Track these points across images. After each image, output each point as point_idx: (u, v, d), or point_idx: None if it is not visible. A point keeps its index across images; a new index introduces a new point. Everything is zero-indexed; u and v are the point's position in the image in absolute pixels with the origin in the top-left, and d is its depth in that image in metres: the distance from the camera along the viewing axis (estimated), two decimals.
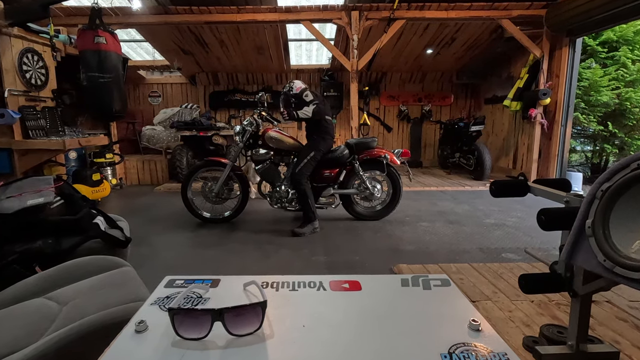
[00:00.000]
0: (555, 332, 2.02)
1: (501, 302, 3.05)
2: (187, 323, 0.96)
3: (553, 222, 1.47)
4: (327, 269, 4.09)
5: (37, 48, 6.21)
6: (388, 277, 1.38)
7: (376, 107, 12.06)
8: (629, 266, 1.13)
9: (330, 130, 5.45)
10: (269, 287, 1.28)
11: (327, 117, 5.44)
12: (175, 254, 4.60)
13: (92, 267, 2.08)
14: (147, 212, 6.51)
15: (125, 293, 1.84)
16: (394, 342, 0.97)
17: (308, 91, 5.37)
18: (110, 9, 7.39)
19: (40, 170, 6.17)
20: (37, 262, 2.41)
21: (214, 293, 1.24)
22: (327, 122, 5.44)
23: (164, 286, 1.28)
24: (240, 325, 0.98)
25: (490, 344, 0.95)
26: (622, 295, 3.12)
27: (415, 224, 5.69)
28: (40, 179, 2.95)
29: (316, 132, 5.41)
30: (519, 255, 4.35)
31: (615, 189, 1.23)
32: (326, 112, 5.44)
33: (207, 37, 9.12)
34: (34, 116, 6.04)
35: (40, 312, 1.72)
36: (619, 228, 1.22)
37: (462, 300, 1.21)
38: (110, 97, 5.99)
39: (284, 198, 5.45)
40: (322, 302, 1.19)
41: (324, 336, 1.00)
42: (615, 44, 9.05)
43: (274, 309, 1.12)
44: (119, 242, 2.80)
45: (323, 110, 5.33)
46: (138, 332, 1.00)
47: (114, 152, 8.12)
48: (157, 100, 11.81)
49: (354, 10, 7.74)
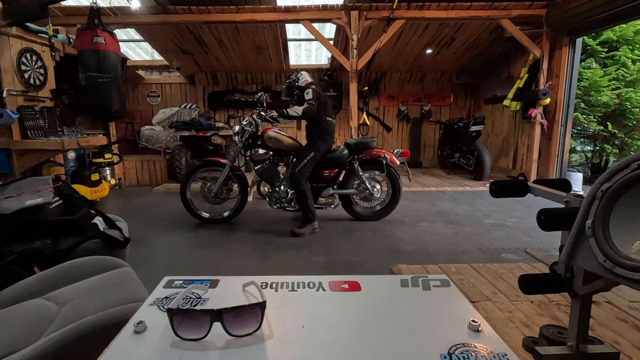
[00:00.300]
0: (555, 333, 2.02)
1: (501, 302, 3.05)
2: (186, 324, 0.96)
3: (553, 223, 1.47)
4: (327, 270, 4.09)
5: (36, 48, 6.21)
6: (387, 278, 1.38)
7: (376, 107, 12.06)
8: (629, 266, 1.13)
9: (330, 131, 5.46)
10: (268, 287, 1.28)
11: (327, 118, 5.44)
12: (174, 254, 4.59)
13: (91, 267, 2.08)
14: (146, 213, 6.50)
15: (124, 293, 1.84)
16: (393, 343, 0.97)
17: (310, 88, 5.34)
18: (109, 9, 7.39)
19: (39, 170, 6.16)
20: (36, 263, 2.41)
21: (213, 293, 1.24)
22: (328, 122, 5.43)
23: (162, 287, 1.28)
24: (239, 325, 0.98)
25: (490, 344, 0.95)
26: (622, 295, 3.12)
27: (414, 224, 5.69)
28: (39, 179, 2.94)
29: (316, 132, 5.41)
30: (519, 256, 4.35)
31: (615, 189, 1.23)
32: (327, 113, 5.43)
33: (206, 37, 9.12)
34: (33, 116, 6.04)
35: (39, 313, 1.72)
36: (619, 228, 1.22)
37: (461, 301, 1.21)
38: (109, 97, 5.99)
39: (283, 198, 5.45)
40: (322, 303, 1.19)
41: (324, 337, 1.00)
42: (615, 43, 9.04)
43: (273, 310, 1.12)
44: (117, 242, 2.80)
45: (316, 111, 5.26)
46: (137, 333, 1.00)
47: (112, 152, 8.12)
48: (156, 100, 11.80)
49: (353, 10, 7.74)
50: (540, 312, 2.87)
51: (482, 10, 7.73)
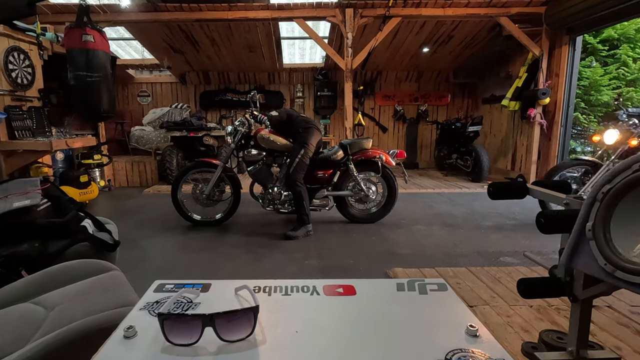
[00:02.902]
0: (554, 338, 2.02)
1: (499, 307, 3.06)
2: (177, 329, 0.96)
3: (552, 225, 1.47)
4: (321, 273, 4.09)
5: (24, 46, 6.20)
6: (383, 282, 1.38)
7: (371, 107, 12.06)
8: (630, 270, 1.13)
9: (311, 121, 5.50)
10: (261, 291, 1.28)
11: (301, 115, 5.61)
12: (165, 257, 4.59)
13: (80, 271, 2.07)
14: (136, 215, 6.48)
15: (113, 298, 1.83)
16: (389, 348, 0.97)
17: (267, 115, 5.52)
18: (98, 7, 7.36)
19: (27, 171, 6.15)
20: (23, 266, 2.40)
21: (205, 298, 1.23)
22: (303, 116, 5.60)
23: (153, 291, 1.28)
24: (231, 330, 0.98)
25: (488, 350, 0.95)
26: (624, 300, 3.13)
27: (411, 226, 5.69)
28: (27, 181, 2.93)
29: (298, 127, 5.42)
30: (518, 259, 4.36)
31: (616, 191, 1.23)
32: (298, 115, 5.63)
33: (198, 35, 9.11)
34: (20, 116, 6.02)
35: (27, 318, 1.71)
36: (620, 231, 1.22)
37: (459, 305, 1.21)
38: (98, 96, 5.98)
39: (276, 200, 5.44)
40: (316, 307, 1.19)
41: (318, 342, 1.00)
42: (616, 42, 9.09)
43: (266, 314, 1.12)
44: (107, 245, 2.78)
45: (285, 118, 5.47)
46: (127, 338, 1.00)
47: (102, 153, 8.10)
48: (146, 100, 11.77)
49: (348, 7, 7.73)
50: (539, 316, 2.88)
51: (480, 8, 7.75)
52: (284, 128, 5.48)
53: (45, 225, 2.67)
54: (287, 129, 5.49)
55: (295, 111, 5.77)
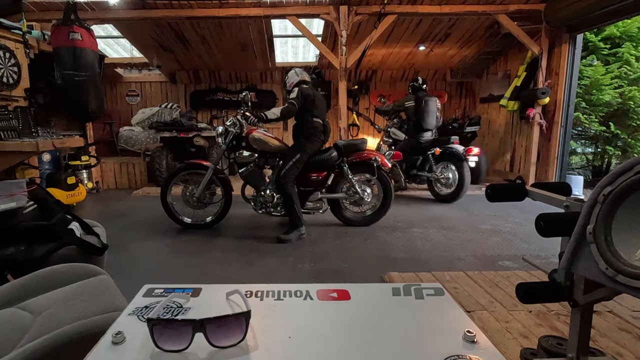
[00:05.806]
0: (554, 344, 2.03)
1: (498, 312, 3.06)
2: (167, 334, 0.96)
3: (552, 228, 1.47)
4: (314, 278, 4.09)
5: (9, 45, 6.16)
6: (378, 286, 1.38)
7: (366, 107, 12.09)
8: (632, 274, 1.13)
9: (317, 132, 5.42)
10: (253, 296, 1.28)
11: (315, 118, 5.39)
12: (154, 261, 4.58)
13: (67, 275, 2.07)
14: (125, 218, 6.46)
15: (101, 302, 1.82)
16: (384, 355, 0.97)
17: (297, 88, 5.33)
18: (85, 4, 7.34)
19: (12, 173, 6.10)
20: (9, 270, 2.40)
21: (195, 302, 1.23)
22: (314, 122, 5.39)
23: (142, 295, 1.27)
24: (222, 336, 0.98)
25: (486, 356, 0.95)
26: (625, 305, 3.14)
27: (407, 230, 5.70)
28: (12, 183, 2.93)
29: (302, 132, 5.40)
30: (516, 263, 4.37)
31: (618, 193, 1.23)
32: (314, 113, 5.37)
33: (188, 33, 9.09)
34: (6, 116, 5.98)
35: (13, 323, 1.70)
36: (622, 234, 1.22)
37: (456, 310, 1.21)
38: (86, 96, 5.98)
39: (268, 203, 5.43)
40: (309, 312, 1.19)
41: (311, 348, 1.00)
42: (618, 40, 9.09)
43: (258, 320, 1.11)
44: (95, 249, 2.78)
45: (297, 110, 5.28)
46: (115, 344, 0.99)
47: (89, 154, 8.06)
48: (135, 100, 11.76)
49: (342, 4, 7.73)
50: (538, 322, 2.89)
51: (478, 5, 7.77)
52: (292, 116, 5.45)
53: (32, 228, 2.67)
54: (297, 122, 5.50)
55: (318, 95, 5.55)
